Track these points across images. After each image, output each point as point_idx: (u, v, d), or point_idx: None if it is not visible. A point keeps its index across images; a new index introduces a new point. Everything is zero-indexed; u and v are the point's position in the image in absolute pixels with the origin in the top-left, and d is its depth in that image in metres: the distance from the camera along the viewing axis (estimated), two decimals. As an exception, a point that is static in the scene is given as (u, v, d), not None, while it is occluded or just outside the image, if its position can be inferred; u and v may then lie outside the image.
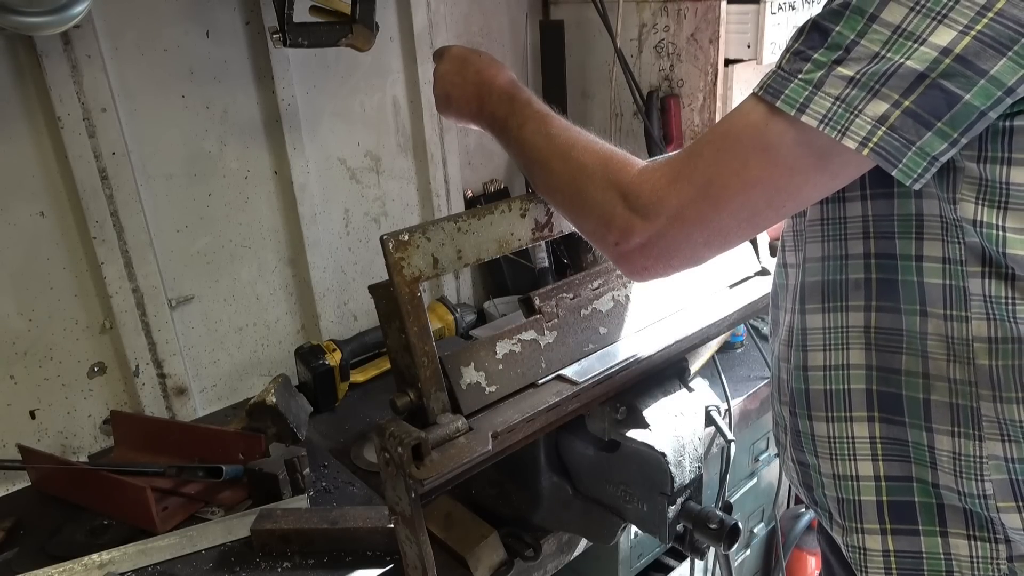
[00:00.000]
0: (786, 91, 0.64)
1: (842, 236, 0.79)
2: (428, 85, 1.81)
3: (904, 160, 0.61)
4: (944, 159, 0.62)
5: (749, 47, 1.66)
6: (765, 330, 1.84)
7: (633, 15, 1.83)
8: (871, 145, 0.61)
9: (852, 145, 0.62)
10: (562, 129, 0.86)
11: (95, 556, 1.15)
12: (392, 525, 1.00)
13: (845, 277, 0.79)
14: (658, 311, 1.08)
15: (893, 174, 0.62)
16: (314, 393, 1.56)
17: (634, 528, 1.36)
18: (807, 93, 0.63)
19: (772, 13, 1.62)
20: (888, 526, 0.82)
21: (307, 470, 1.31)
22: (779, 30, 1.64)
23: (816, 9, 0.69)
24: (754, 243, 1.22)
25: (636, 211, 0.73)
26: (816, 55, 0.63)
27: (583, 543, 1.30)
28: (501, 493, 1.19)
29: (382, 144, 1.80)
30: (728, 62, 1.71)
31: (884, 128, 0.60)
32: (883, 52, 0.60)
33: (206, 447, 1.35)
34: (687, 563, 1.64)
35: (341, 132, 1.72)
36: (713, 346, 1.56)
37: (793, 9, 1.66)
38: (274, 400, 1.39)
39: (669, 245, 0.73)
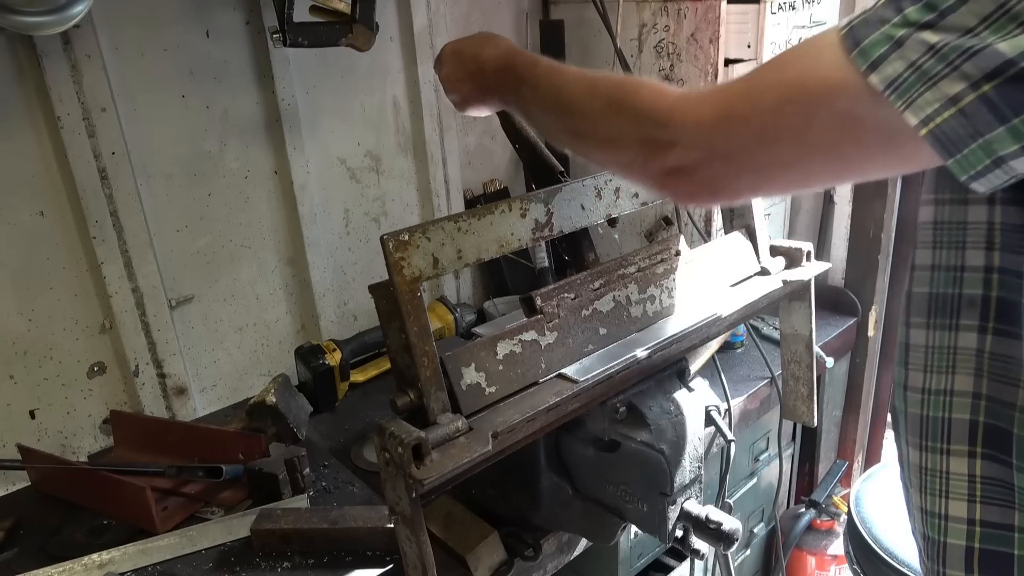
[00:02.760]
0: (867, 40, 0.56)
1: (959, 244, 0.69)
2: (428, 85, 1.81)
3: (964, 151, 0.54)
4: (1015, 164, 0.54)
5: (749, 47, 1.66)
6: (765, 330, 1.84)
7: (633, 15, 1.83)
8: (932, 126, 0.54)
9: (913, 121, 0.54)
10: (578, 74, 0.83)
11: (95, 556, 1.15)
12: (392, 525, 1.00)
13: (958, 292, 0.69)
14: (658, 311, 1.07)
15: (948, 164, 0.55)
16: (314, 393, 1.56)
17: (634, 528, 1.36)
18: (884, 49, 0.55)
19: (772, 13, 1.62)
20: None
21: (307, 470, 1.31)
22: (779, 30, 1.64)
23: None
24: (754, 243, 1.22)
25: (675, 138, 0.68)
26: (909, 9, 0.55)
27: (583, 543, 1.30)
28: (501, 493, 1.19)
29: (382, 144, 1.80)
30: (728, 62, 1.71)
31: (953, 110, 0.52)
32: (978, 27, 0.52)
33: (206, 447, 1.35)
34: (687, 563, 1.64)
35: (341, 132, 1.72)
36: (713, 346, 1.56)
37: (793, 9, 1.66)
38: (274, 400, 1.39)
39: (714, 179, 0.69)
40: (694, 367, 1.28)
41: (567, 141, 0.89)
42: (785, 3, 1.64)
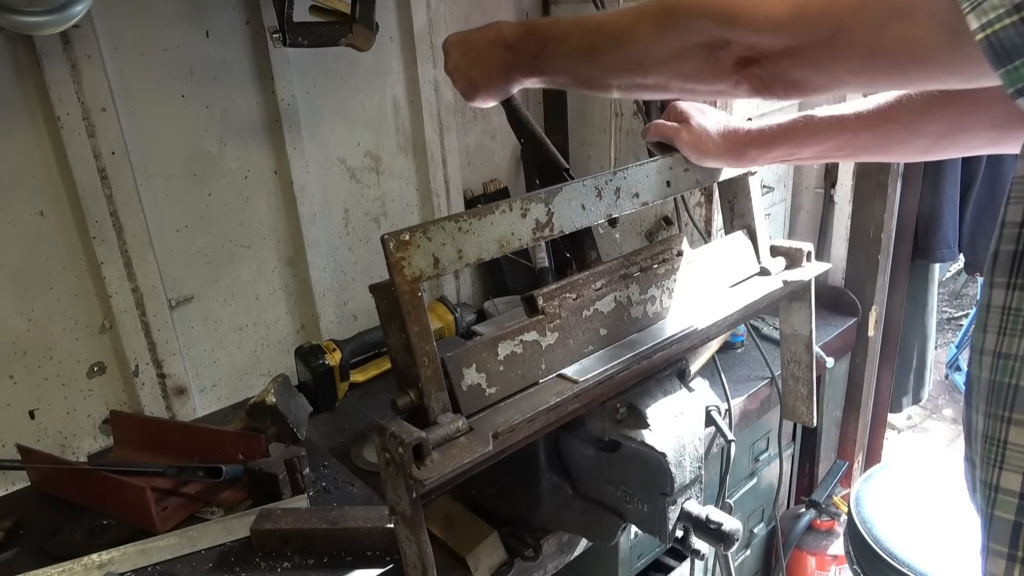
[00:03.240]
0: None
1: None
2: (428, 85, 1.81)
3: (1016, 63, 0.52)
4: None
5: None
6: (765, 330, 1.84)
7: (633, 15, 1.83)
8: (989, 31, 0.52)
9: (974, 24, 0.53)
10: (612, 12, 0.81)
11: (95, 556, 1.15)
12: (392, 525, 1.00)
13: None
14: (658, 312, 1.07)
15: (999, 74, 0.53)
16: (314, 393, 1.56)
17: (634, 528, 1.36)
18: None
19: (772, 13, 1.62)
20: (1021, 554, 0.68)
21: (307, 470, 1.31)
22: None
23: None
24: (754, 243, 1.22)
25: (744, 34, 0.68)
26: None
27: (583, 543, 1.30)
28: (501, 493, 1.19)
29: (382, 144, 1.80)
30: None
31: (1016, 18, 0.51)
32: None
33: (206, 447, 1.35)
34: (687, 563, 1.64)
35: (341, 132, 1.72)
36: (713, 346, 1.56)
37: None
38: (274, 400, 1.39)
39: (785, 72, 0.69)
40: (694, 367, 1.28)
41: (616, 79, 0.87)
42: (785, 3, 1.64)
